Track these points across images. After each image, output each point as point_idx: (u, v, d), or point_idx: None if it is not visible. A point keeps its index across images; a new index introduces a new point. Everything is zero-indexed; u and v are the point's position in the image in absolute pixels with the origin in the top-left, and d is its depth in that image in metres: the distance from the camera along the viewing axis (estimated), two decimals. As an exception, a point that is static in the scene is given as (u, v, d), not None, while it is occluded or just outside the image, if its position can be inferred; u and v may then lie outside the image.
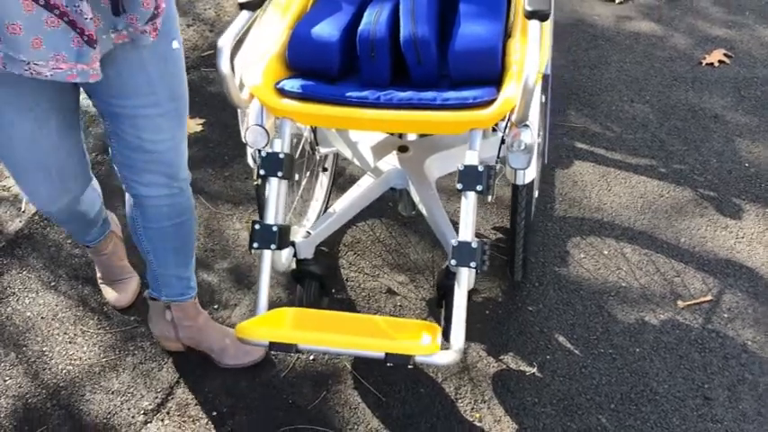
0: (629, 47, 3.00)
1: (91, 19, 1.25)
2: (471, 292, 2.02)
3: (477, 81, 1.58)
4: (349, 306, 2.01)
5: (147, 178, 1.55)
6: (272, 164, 1.54)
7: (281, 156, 1.54)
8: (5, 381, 1.87)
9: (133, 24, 1.32)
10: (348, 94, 1.56)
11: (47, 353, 1.93)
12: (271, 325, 1.38)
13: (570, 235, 2.20)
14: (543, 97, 1.92)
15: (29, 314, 2.04)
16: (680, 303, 1.99)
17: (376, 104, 1.55)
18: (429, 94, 1.54)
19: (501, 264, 2.10)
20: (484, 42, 1.56)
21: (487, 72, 1.57)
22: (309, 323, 1.42)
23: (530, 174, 1.60)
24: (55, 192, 1.59)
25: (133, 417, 1.78)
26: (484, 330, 1.93)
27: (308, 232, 1.69)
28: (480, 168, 1.46)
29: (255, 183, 1.54)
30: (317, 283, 1.75)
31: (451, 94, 1.53)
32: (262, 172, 1.54)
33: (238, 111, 1.69)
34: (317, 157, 2.03)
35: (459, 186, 1.48)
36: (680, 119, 2.62)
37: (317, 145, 1.98)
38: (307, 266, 1.71)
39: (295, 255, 1.70)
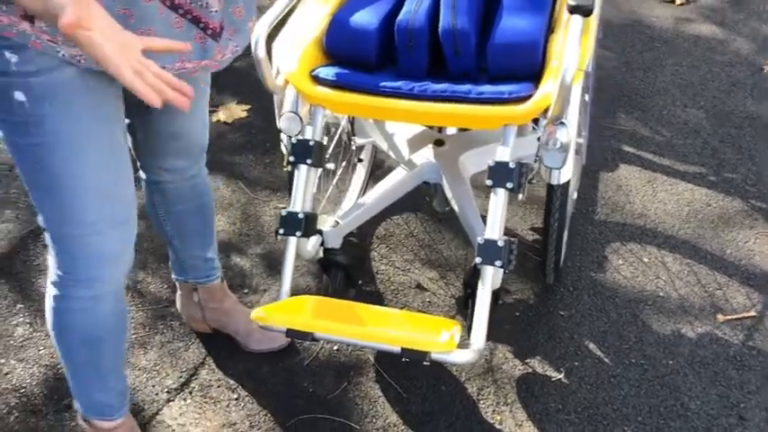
0: (686, 50, 2.90)
1: (217, 11, 1.20)
2: (502, 292, 1.98)
3: (515, 76, 1.54)
4: (377, 299, 2.00)
5: (173, 163, 1.54)
6: (302, 151, 1.53)
7: (312, 143, 1.53)
8: (40, 350, 1.91)
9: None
10: (382, 84, 1.54)
11: (79, 326, 1.97)
12: (289, 312, 1.37)
13: (610, 240, 2.13)
14: (585, 96, 1.86)
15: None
16: (720, 317, 1.91)
17: (410, 95, 1.52)
18: (464, 87, 1.51)
19: (535, 265, 2.05)
20: (524, 36, 1.52)
21: (527, 67, 1.53)
22: (328, 312, 1.41)
23: (565, 173, 1.55)
24: (127, 237, 1.31)
25: (157, 394, 1.80)
26: (512, 332, 1.89)
27: (336, 222, 1.68)
28: (512, 165, 1.43)
29: (285, 169, 1.53)
30: (342, 272, 1.74)
31: (487, 88, 1.50)
32: (291, 159, 1.53)
33: (275, 97, 1.69)
34: (353, 147, 2.02)
35: (488, 183, 1.44)
36: (735, 126, 2.52)
37: (354, 135, 1.97)
38: (333, 256, 1.70)
39: (322, 243, 1.69)
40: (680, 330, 1.88)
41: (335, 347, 1.87)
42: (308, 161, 1.53)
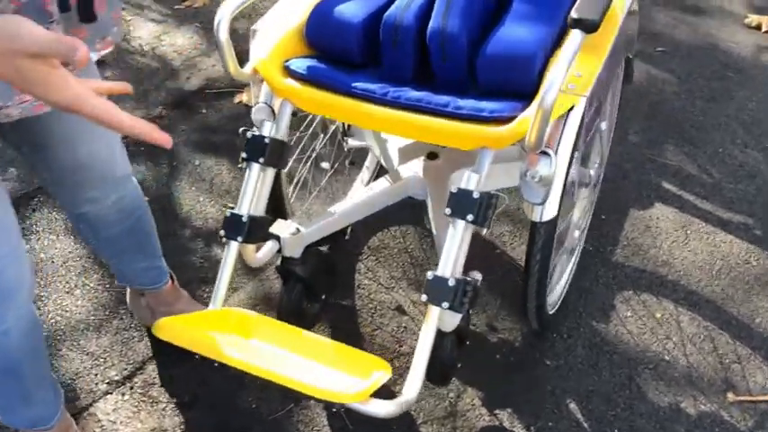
0: (762, 83, 2.59)
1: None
2: (488, 331, 1.78)
3: (506, 93, 1.34)
4: (346, 317, 1.83)
5: (89, 194, 1.39)
6: (255, 148, 1.38)
7: (267, 141, 1.37)
8: None
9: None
10: (355, 84, 1.37)
11: (44, 298, 1.90)
12: (198, 327, 1.22)
13: (622, 286, 1.89)
14: (601, 124, 1.63)
15: (42, 256, 2.02)
16: (730, 396, 1.65)
17: (382, 101, 1.35)
18: (443, 99, 1.32)
19: (531, 304, 1.84)
20: (519, 48, 1.32)
21: (519, 84, 1.32)
22: (247, 334, 1.26)
23: (549, 211, 1.34)
24: (20, 268, 1.21)
25: (96, 384, 1.69)
26: (487, 376, 1.70)
27: (297, 229, 1.52)
28: (476, 195, 1.23)
29: (240, 166, 1.39)
30: (301, 285, 1.58)
31: (468, 103, 1.31)
32: (243, 155, 1.39)
33: (251, 86, 1.54)
34: (345, 149, 1.86)
35: (447, 212, 1.25)
36: (798, 176, 2.22)
37: (347, 135, 1.80)
38: (291, 266, 1.55)
39: (280, 250, 1.54)
40: (680, 404, 1.64)
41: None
42: (261, 160, 1.37)
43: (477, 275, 1.39)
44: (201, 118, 2.49)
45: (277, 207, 1.68)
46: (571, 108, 1.32)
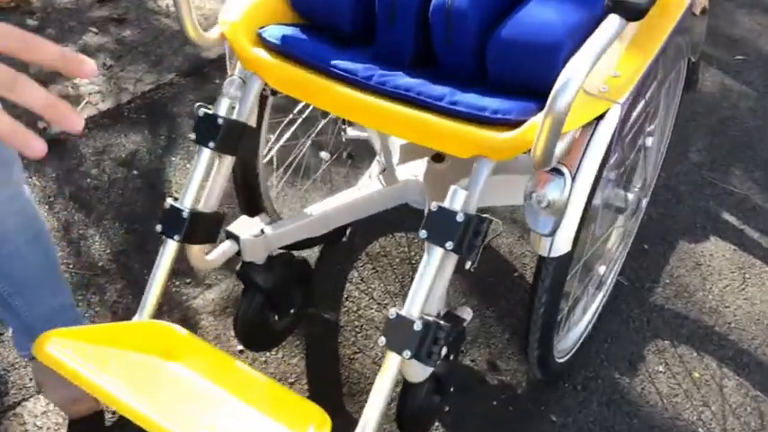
0: None
1: None
2: (488, 370, 1.51)
3: (521, 89, 1.05)
4: (325, 334, 1.58)
5: None
6: (207, 129, 1.13)
7: (220, 121, 1.12)
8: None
9: None
10: (336, 62, 1.10)
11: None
12: (84, 342, 0.97)
13: (658, 334, 1.58)
14: (647, 140, 1.32)
15: (11, 225, 1.83)
16: (775, 489, 1.34)
17: (363, 85, 1.08)
18: (438, 91, 1.05)
19: (544, 343, 1.55)
20: (544, 34, 1.03)
21: (538, 78, 1.03)
22: (161, 354, 1.01)
23: (560, 245, 1.05)
24: None
25: (30, 380, 1.49)
26: (479, 426, 1.42)
27: (261, 230, 1.27)
28: (459, 217, 0.95)
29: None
30: (262, 297, 1.33)
31: (468, 98, 1.03)
32: (192, 136, 1.14)
33: (227, 56, 1.29)
34: (344, 139, 1.59)
35: (422, 234, 0.98)
36: None
37: (345, 124, 1.54)
38: (250, 272, 1.30)
39: (239, 253, 1.29)
40: (709, 491, 1.33)
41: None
42: (211, 144, 1.12)
43: (467, 314, 1.12)
44: (213, 89, 2.27)
45: (251, 202, 1.43)
46: (601, 116, 1.02)
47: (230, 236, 1.27)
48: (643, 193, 1.53)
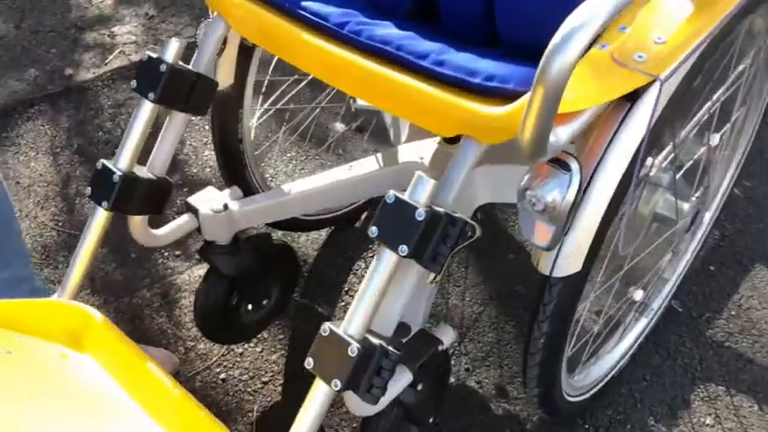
0: None
1: None
2: (495, 396, 1.27)
3: (537, 53, 0.80)
4: (311, 330, 1.37)
5: None
6: (148, 76, 0.93)
7: (163, 68, 0.92)
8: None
9: None
10: (307, 3, 0.88)
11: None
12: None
13: (711, 376, 1.30)
14: (715, 135, 1.03)
15: (11, 173, 1.72)
16: None
17: (332, 33, 0.85)
18: (426, 46, 0.81)
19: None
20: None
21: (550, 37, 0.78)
22: (68, 342, 0.83)
23: (568, 263, 0.80)
24: None
25: None
26: (470, 462, 1.19)
27: (225, 205, 1.06)
28: (420, 215, 0.71)
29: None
30: (225, 284, 1.14)
31: (459, 58, 0.78)
32: (133, 83, 0.94)
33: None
34: (353, 109, 1.37)
35: (372, 232, 0.74)
36: None
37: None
38: (211, 254, 1.10)
39: (199, 230, 1.10)
40: None
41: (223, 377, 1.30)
42: (151, 95, 0.92)
43: (447, 336, 0.89)
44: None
45: (231, 172, 1.23)
46: (635, 95, 0.76)
47: (189, 208, 1.08)
48: (704, 205, 1.23)
